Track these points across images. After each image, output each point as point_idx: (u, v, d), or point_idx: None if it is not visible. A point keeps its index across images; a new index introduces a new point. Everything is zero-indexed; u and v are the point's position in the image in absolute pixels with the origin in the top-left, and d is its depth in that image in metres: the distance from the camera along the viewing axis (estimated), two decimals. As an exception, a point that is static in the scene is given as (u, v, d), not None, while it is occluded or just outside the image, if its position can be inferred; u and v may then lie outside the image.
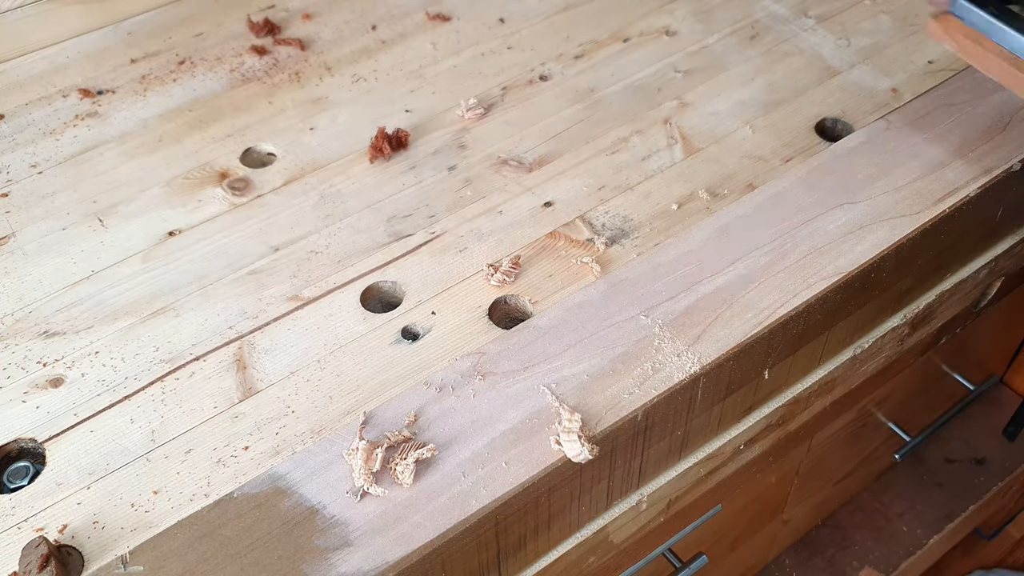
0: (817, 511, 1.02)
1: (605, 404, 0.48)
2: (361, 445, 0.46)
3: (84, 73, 0.74)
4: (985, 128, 0.62)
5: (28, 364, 0.53)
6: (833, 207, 0.58)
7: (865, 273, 0.55)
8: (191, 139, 0.67)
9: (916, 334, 0.68)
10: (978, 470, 1.11)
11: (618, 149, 0.64)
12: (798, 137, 0.64)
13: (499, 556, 0.49)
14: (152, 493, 0.46)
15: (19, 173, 0.65)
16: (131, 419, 0.50)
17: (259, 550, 0.43)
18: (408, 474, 0.45)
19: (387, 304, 0.56)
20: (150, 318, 0.55)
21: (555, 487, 0.47)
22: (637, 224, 0.59)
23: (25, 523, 0.46)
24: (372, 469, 0.45)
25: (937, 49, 0.71)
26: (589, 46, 0.74)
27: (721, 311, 0.52)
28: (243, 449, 0.48)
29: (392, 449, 0.47)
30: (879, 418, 0.92)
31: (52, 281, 0.58)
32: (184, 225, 0.61)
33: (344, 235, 0.60)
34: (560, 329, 0.52)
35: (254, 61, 0.74)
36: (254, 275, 0.57)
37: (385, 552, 0.43)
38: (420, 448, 0.46)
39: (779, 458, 0.72)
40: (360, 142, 0.66)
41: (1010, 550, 1.30)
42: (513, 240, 0.59)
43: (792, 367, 0.59)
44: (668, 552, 0.70)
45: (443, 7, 0.78)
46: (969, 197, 0.58)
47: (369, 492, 0.45)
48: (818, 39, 0.73)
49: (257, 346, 0.53)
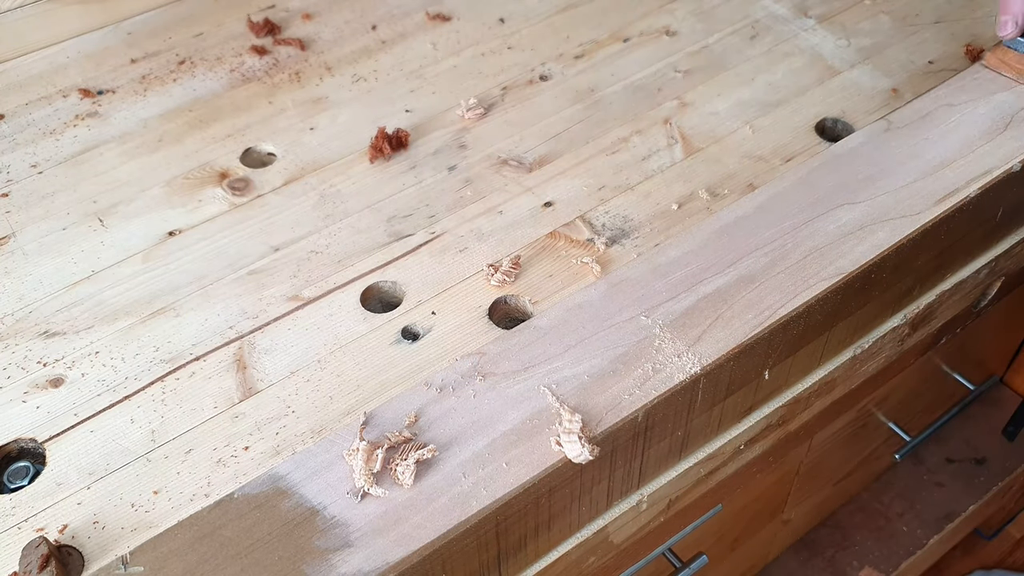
0: (817, 511, 1.02)
1: (605, 405, 0.48)
2: (361, 446, 0.46)
3: (84, 73, 0.74)
4: (985, 128, 0.62)
5: (28, 364, 0.53)
6: (833, 207, 0.58)
7: (865, 273, 0.55)
8: (191, 139, 0.67)
9: (916, 334, 0.68)
10: (978, 470, 1.11)
11: (618, 149, 0.64)
12: (798, 137, 0.64)
13: (500, 556, 0.49)
14: (152, 493, 0.46)
15: (19, 173, 0.65)
16: (131, 419, 0.50)
17: (259, 551, 0.43)
18: (409, 475, 0.45)
19: (387, 304, 0.56)
20: (150, 318, 0.55)
21: (555, 488, 0.47)
22: (637, 224, 0.59)
23: (25, 523, 0.46)
24: (372, 470, 0.45)
25: (937, 49, 0.71)
26: (589, 46, 0.74)
27: (721, 311, 0.52)
28: (243, 449, 0.48)
29: (392, 450, 0.46)
30: (879, 418, 0.92)
31: (52, 281, 0.58)
32: (184, 225, 0.61)
33: (344, 235, 0.60)
34: (560, 329, 0.52)
35: (254, 61, 0.74)
36: (254, 275, 0.57)
37: (386, 553, 0.43)
38: (421, 448, 0.46)
39: (779, 458, 0.72)
40: (360, 142, 0.66)
41: (1010, 550, 1.30)
42: (513, 240, 0.59)
43: (792, 367, 0.59)
44: (668, 552, 0.70)
45: (443, 7, 0.78)
46: (969, 197, 0.58)
47: (370, 493, 0.45)
48: (818, 39, 0.73)
49: (257, 346, 0.53)
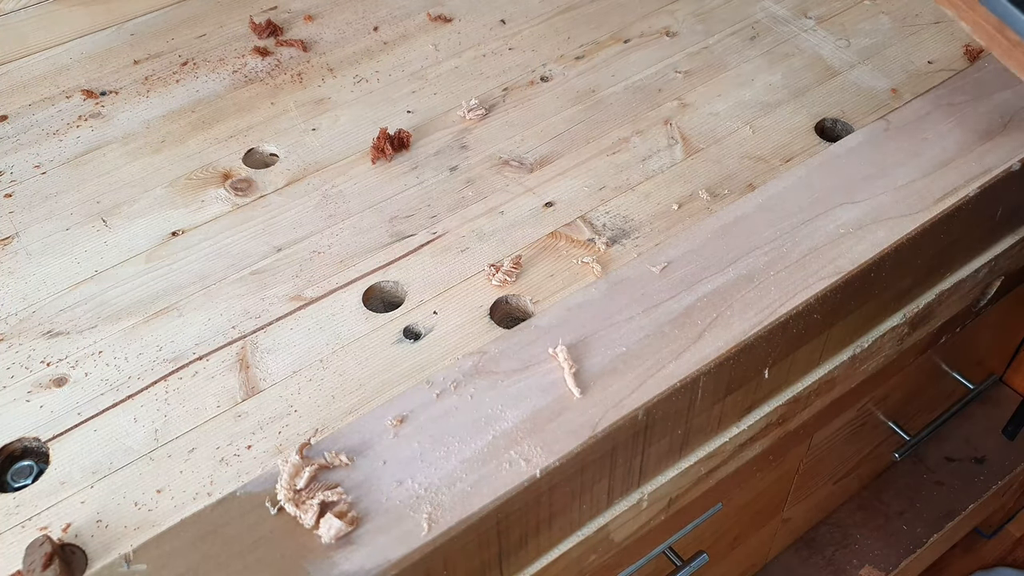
0: (817, 509, 1.02)
1: (606, 403, 0.48)
2: (292, 459, 0.45)
3: (87, 74, 0.74)
4: (985, 128, 0.62)
5: (32, 364, 0.53)
6: (833, 207, 0.58)
7: (865, 273, 0.55)
8: (194, 140, 0.68)
9: (916, 333, 0.68)
10: (978, 469, 1.11)
11: (619, 149, 0.65)
12: (798, 137, 0.65)
13: (501, 554, 0.49)
14: (155, 492, 0.47)
15: (23, 174, 0.66)
16: (134, 418, 0.50)
17: (262, 548, 0.43)
18: (311, 516, 0.43)
19: (389, 304, 0.56)
20: (153, 318, 0.56)
21: (556, 485, 0.48)
22: (638, 224, 0.59)
23: (29, 522, 0.46)
24: (296, 486, 0.44)
25: (937, 49, 0.71)
26: (590, 47, 0.74)
27: (721, 311, 0.52)
28: (246, 448, 0.48)
29: (318, 474, 0.45)
30: (879, 417, 0.92)
31: (56, 281, 0.58)
32: (187, 225, 0.61)
33: (346, 235, 0.60)
34: (561, 329, 0.52)
35: (256, 62, 0.74)
36: (257, 275, 0.58)
37: (387, 550, 0.43)
38: (330, 489, 0.44)
39: (779, 457, 0.73)
40: (362, 143, 0.66)
41: (1010, 548, 1.30)
42: (514, 240, 0.59)
43: (792, 366, 0.59)
44: (669, 550, 0.70)
45: (444, 8, 0.79)
46: (969, 197, 0.58)
47: (286, 510, 0.44)
48: (818, 39, 0.73)
49: (260, 346, 0.53)
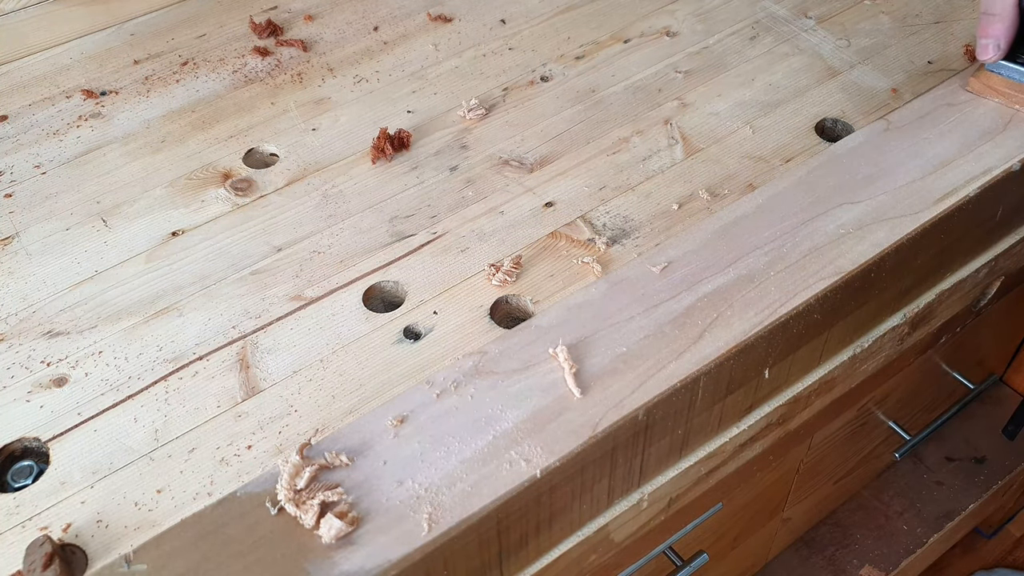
0: (817, 509, 1.02)
1: (607, 403, 0.48)
2: (292, 459, 0.45)
3: (87, 74, 0.74)
4: (985, 128, 0.62)
5: (32, 364, 0.53)
6: (833, 207, 0.58)
7: (865, 273, 0.55)
8: (194, 140, 0.68)
9: (916, 333, 0.68)
10: (978, 469, 1.11)
11: (619, 149, 0.65)
12: (798, 137, 0.65)
13: (501, 554, 0.49)
14: (155, 492, 0.47)
15: (23, 174, 0.66)
16: (135, 418, 0.50)
17: (262, 548, 0.43)
18: (311, 516, 0.43)
19: (389, 304, 0.56)
20: (153, 318, 0.56)
21: (556, 486, 0.48)
22: (638, 224, 0.59)
23: (29, 522, 0.46)
24: (296, 487, 0.44)
25: (937, 49, 0.71)
26: (590, 47, 0.74)
27: (722, 310, 0.52)
28: (246, 448, 0.48)
29: (319, 474, 0.45)
30: (879, 417, 0.92)
31: (56, 281, 0.58)
32: (187, 225, 0.61)
33: (346, 235, 0.60)
34: (561, 329, 0.52)
35: (257, 62, 0.74)
36: (257, 275, 0.58)
37: (387, 550, 0.43)
38: (330, 489, 0.44)
39: (779, 457, 0.73)
40: (362, 143, 0.66)
41: (1010, 548, 1.30)
42: (514, 240, 0.59)
43: (792, 366, 0.59)
44: (669, 550, 0.70)
45: (444, 8, 0.79)
46: (969, 197, 0.58)
47: (286, 510, 0.44)
48: (818, 39, 0.73)
49: (260, 346, 0.53)
